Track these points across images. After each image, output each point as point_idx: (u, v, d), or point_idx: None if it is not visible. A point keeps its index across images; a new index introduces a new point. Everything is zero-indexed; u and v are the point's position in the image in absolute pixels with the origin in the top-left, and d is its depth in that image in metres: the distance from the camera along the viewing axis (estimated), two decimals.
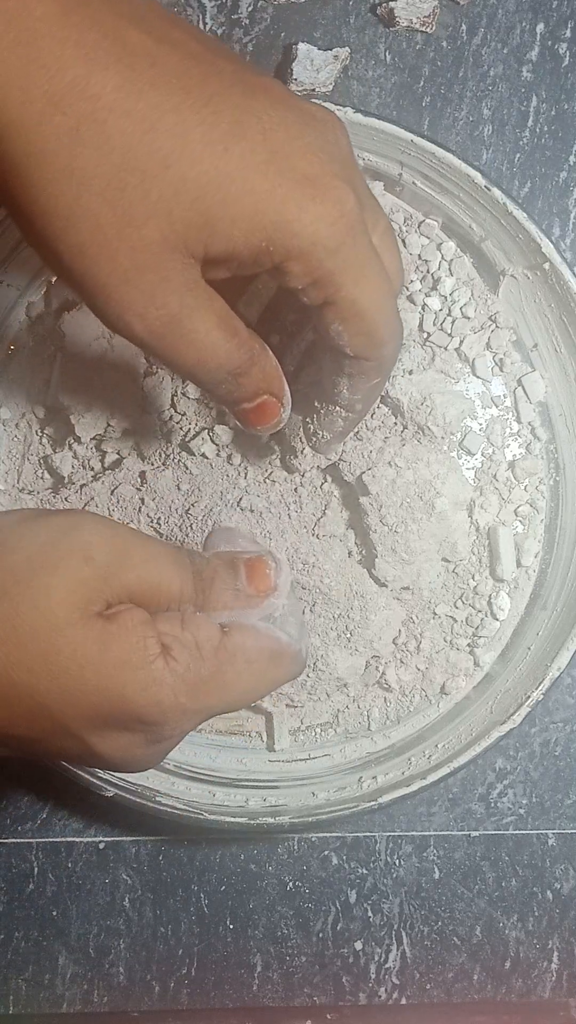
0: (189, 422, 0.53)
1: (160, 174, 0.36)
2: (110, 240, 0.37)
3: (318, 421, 0.48)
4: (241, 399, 0.43)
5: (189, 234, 0.37)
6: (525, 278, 0.53)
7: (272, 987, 0.58)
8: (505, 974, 0.58)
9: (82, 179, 0.36)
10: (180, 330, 0.39)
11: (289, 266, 0.39)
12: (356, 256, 0.39)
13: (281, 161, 0.38)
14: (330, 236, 0.38)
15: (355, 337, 0.42)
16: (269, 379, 0.43)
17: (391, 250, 0.43)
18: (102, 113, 0.36)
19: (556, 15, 0.57)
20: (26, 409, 0.55)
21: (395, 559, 0.51)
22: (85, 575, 0.38)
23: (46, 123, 0.36)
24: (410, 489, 0.51)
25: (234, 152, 0.37)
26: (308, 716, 0.55)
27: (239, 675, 0.40)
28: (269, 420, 0.44)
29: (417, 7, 0.56)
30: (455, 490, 0.52)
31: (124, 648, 0.38)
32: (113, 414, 0.53)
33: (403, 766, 0.53)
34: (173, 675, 0.38)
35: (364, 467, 0.51)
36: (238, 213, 0.37)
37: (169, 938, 0.58)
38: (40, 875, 0.58)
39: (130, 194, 0.37)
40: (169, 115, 0.36)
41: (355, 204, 0.39)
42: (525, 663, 0.54)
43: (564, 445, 0.55)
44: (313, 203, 0.38)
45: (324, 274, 0.39)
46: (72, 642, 0.37)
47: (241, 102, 0.38)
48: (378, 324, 0.41)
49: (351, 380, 0.44)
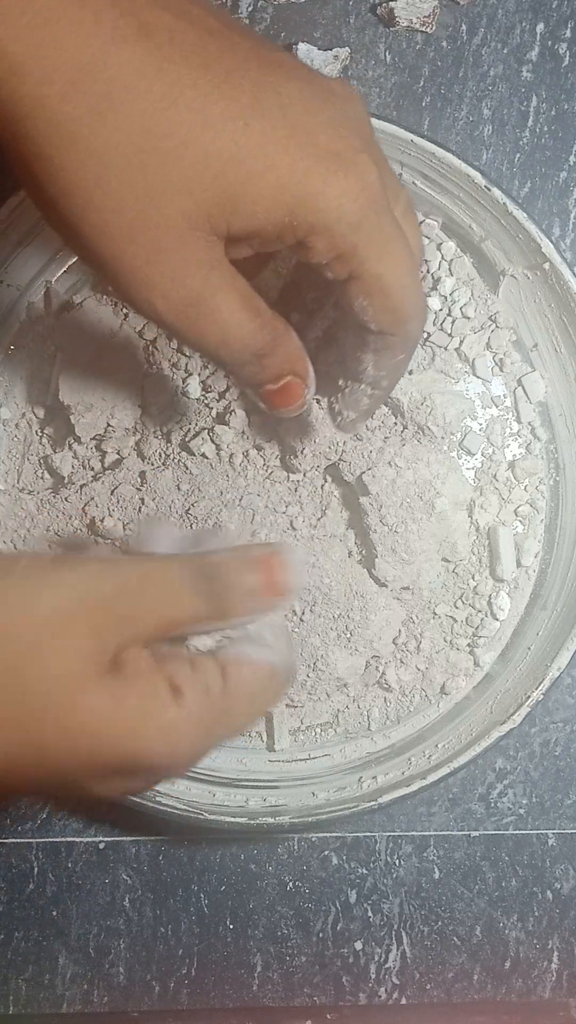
0: (189, 422, 0.53)
1: (181, 151, 0.36)
2: (132, 219, 0.37)
3: (343, 400, 0.47)
4: (265, 380, 0.43)
5: (212, 211, 0.37)
6: (525, 278, 0.53)
7: (272, 987, 0.58)
8: (505, 974, 0.58)
9: (103, 157, 0.36)
10: (203, 310, 0.39)
11: (312, 241, 0.39)
12: (380, 230, 0.39)
13: (302, 136, 0.37)
14: (353, 210, 0.38)
15: (380, 312, 0.41)
16: (293, 359, 0.43)
17: (412, 225, 0.43)
18: (121, 92, 0.36)
19: (556, 15, 0.57)
20: (26, 409, 0.55)
21: (395, 559, 0.51)
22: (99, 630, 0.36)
23: (66, 102, 0.35)
24: (410, 489, 0.51)
25: (254, 128, 0.37)
26: (308, 716, 0.55)
27: (244, 710, 0.39)
28: (293, 401, 0.44)
29: (417, 7, 0.56)
30: (455, 490, 0.52)
31: (137, 697, 0.36)
32: (113, 414, 0.53)
33: (403, 766, 0.53)
34: (188, 722, 0.37)
35: (364, 467, 0.51)
36: (260, 189, 0.37)
37: (169, 938, 0.58)
38: (40, 875, 0.58)
39: (151, 172, 0.36)
40: (188, 91, 0.36)
41: (377, 178, 0.39)
42: (525, 663, 0.54)
43: (564, 445, 0.55)
44: (336, 177, 0.38)
45: (348, 248, 0.39)
46: (86, 703, 0.35)
47: (260, 77, 0.37)
48: (403, 298, 0.41)
49: (376, 356, 0.44)
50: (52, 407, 0.54)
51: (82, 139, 0.36)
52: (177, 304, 0.39)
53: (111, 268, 0.38)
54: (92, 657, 0.36)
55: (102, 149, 0.36)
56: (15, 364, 0.55)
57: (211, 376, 0.53)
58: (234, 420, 0.52)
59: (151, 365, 0.53)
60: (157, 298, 0.38)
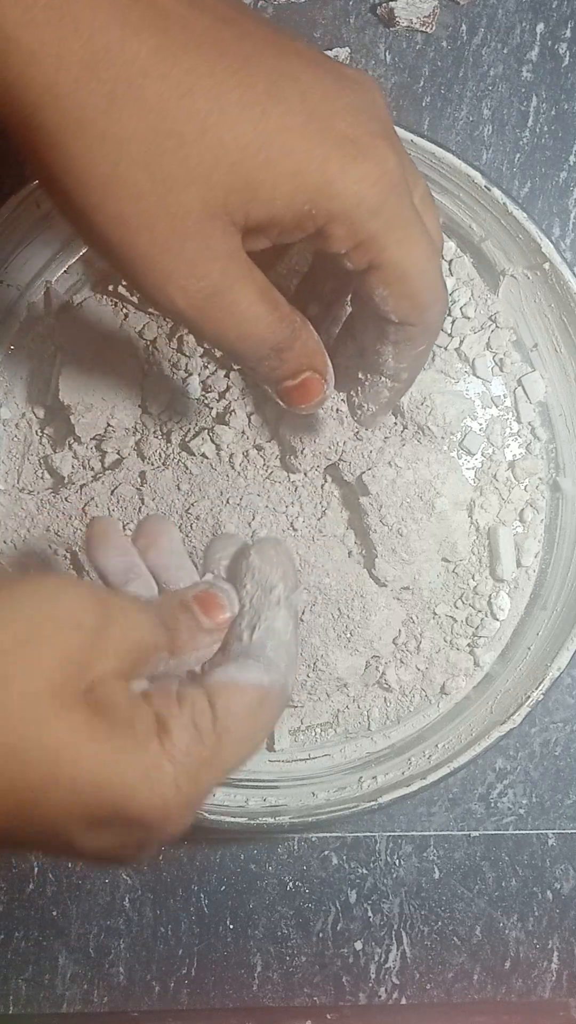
0: (189, 422, 0.53)
1: (198, 138, 0.36)
2: (149, 208, 0.36)
3: (362, 393, 0.47)
4: (284, 376, 0.42)
5: (230, 199, 0.37)
6: (525, 278, 0.53)
7: (272, 987, 0.58)
8: (505, 974, 0.58)
9: (119, 145, 0.36)
10: (222, 303, 0.38)
11: (332, 229, 0.38)
12: (399, 217, 0.39)
13: (320, 122, 0.37)
14: (373, 196, 0.38)
15: (400, 301, 0.41)
16: (311, 354, 0.42)
17: (431, 212, 0.42)
18: (138, 78, 0.35)
19: (556, 15, 0.57)
20: (26, 409, 0.55)
21: (395, 559, 0.51)
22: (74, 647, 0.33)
23: (81, 89, 0.35)
24: (410, 489, 0.51)
25: (272, 114, 0.36)
26: (308, 716, 0.55)
27: (236, 748, 0.36)
28: (313, 397, 0.43)
29: (417, 7, 0.56)
30: (455, 490, 0.52)
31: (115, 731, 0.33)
32: (113, 414, 0.53)
33: (403, 766, 0.53)
34: (172, 762, 0.34)
35: (364, 467, 0.51)
36: (279, 176, 0.37)
37: (169, 938, 0.58)
38: (40, 875, 0.58)
39: (168, 159, 0.36)
40: (205, 79, 0.36)
41: (396, 164, 0.38)
42: (525, 663, 0.54)
43: (564, 445, 0.55)
44: (355, 163, 0.37)
45: (368, 236, 0.38)
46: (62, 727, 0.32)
47: (276, 64, 0.37)
48: (423, 287, 0.40)
49: (396, 348, 0.43)
50: (52, 407, 0.54)
51: (98, 126, 0.35)
52: (195, 296, 0.38)
53: (127, 259, 0.38)
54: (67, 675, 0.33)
55: (119, 136, 0.35)
56: (15, 364, 0.55)
57: (211, 376, 0.53)
58: (234, 420, 0.52)
59: (151, 365, 0.53)
60: (175, 289, 0.38)
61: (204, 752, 0.35)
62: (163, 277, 0.38)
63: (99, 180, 0.36)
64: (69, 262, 0.55)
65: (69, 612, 0.34)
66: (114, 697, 0.34)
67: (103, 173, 0.36)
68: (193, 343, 0.53)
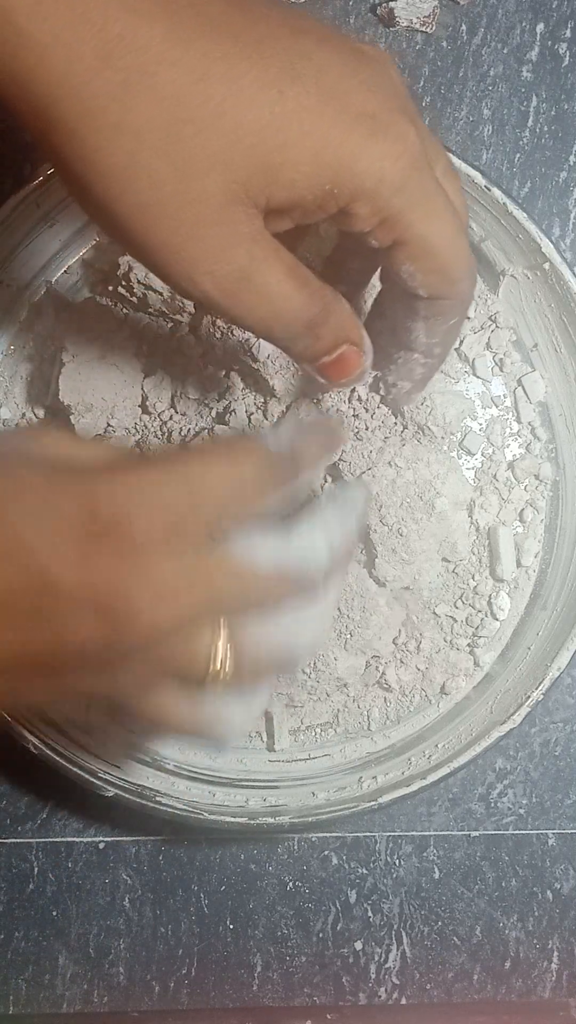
0: (189, 422, 0.53)
1: (215, 123, 0.36)
2: (171, 196, 0.36)
3: (396, 371, 0.46)
4: (320, 352, 0.42)
5: (251, 183, 0.36)
6: (525, 278, 0.53)
7: (272, 987, 0.58)
8: (505, 974, 0.58)
9: (137, 134, 0.35)
10: (251, 284, 0.38)
11: (355, 207, 0.38)
12: (423, 192, 0.38)
13: (338, 100, 0.37)
14: (395, 172, 0.37)
15: (428, 276, 0.40)
16: (347, 327, 0.42)
17: (455, 185, 0.42)
18: (151, 65, 0.35)
19: (556, 15, 0.57)
20: (26, 409, 0.55)
21: (395, 559, 0.51)
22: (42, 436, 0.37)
23: (95, 79, 0.35)
24: (410, 489, 0.51)
25: (289, 95, 0.36)
26: (308, 716, 0.55)
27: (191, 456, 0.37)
28: (352, 371, 0.43)
29: (417, 7, 0.56)
30: (455, 490, 0.52)
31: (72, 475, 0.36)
32: (113, 414, 0.53)
33: (403, 766, 0.53)
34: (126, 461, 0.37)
35: (364, 467, 0.51)
36: (298, 156, 0.36)
37: (169, 938, 0.58)
38: (40, 875, 0.58)
39: (187, 145, 0.36)
40: (219, 62, 0.36)
41: (417, 138, 0.38)
42: (525, 663, 0.54)
43: (564, 445, 0.55)
44: (375, 140, 0.37)
45: (392, 213, 0.38)
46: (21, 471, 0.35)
47: (291, 44, 0.37)
48: (451, 260, 0.40)
49: (427, 323, 0.43)
50: (52, 407, 0.54)
51: (113, 115, 0.35)
52: (223, 280, 0.38)
53: (151, 248, 0.37)
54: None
55: (136, 124, 0.35)
56: (15, 364, 0.55)
57: (210, 376, 0.53)
58: (234, 420, 0.52)
59: (151, 365, 0.53)
60: (203, 276, 0.38)
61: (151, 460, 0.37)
62: (189, 265, 0.37)
63: (118, 170, 0.36)
64: (69, 262, 0.55)
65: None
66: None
67: (121, 163, 0.36)
68: (193, 343, 0.53)
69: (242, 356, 0.51)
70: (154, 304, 0.52)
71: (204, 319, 0.52)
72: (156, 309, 0.52)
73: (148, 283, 0.51)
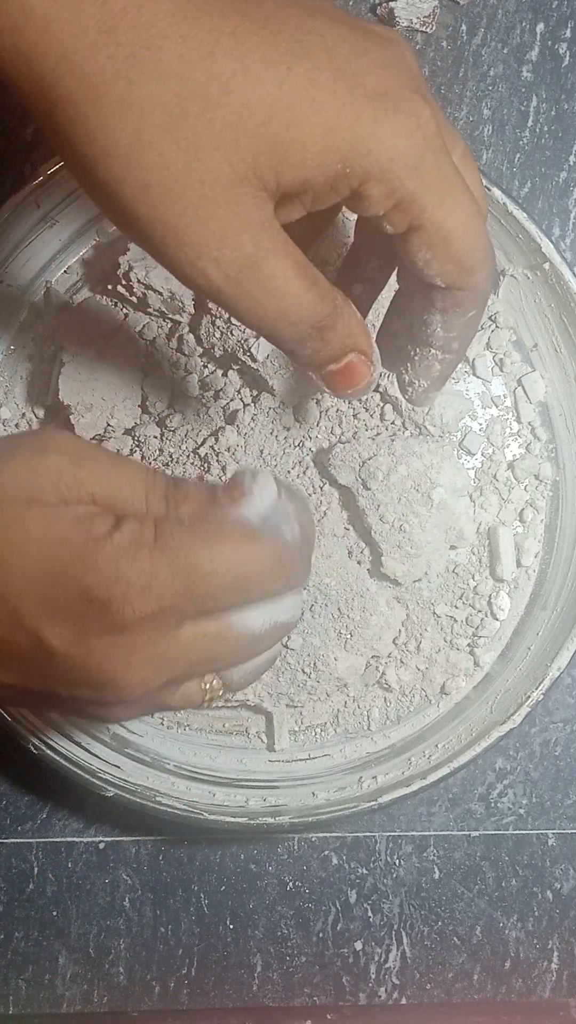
0: (189, 422, 0.53)
1: (222, 100, 0.35)
2: (177, 176, 0.35)
3: (413, 369, 0.44)
4: (327, 359, 0.40)
5: (259, 162, 0.35)
6: (525, 278, 0.53)
7: (272, 987, 0.58)
8: (505, 974, 0.58)
9: (142, 111, 0.34)
10: (257, 275, 0.37)
11: (368, 189, 0.36)
12: (438, 173, 0.37)
13: (350, 78, 0.36)
14: (408, 150, 0.36)
15: (445, 264, 0.38)
16: (355, 334, 0.40)
17: (472, 171, 0.40)
18: (157, 40, 0.34)
19: (556, 15, 0.57)
20: (26, 409, 0.55)
21: (401, 555, 0.51)
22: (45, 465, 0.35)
23: (100, 54, 0.34)
24: (405, 483, 0.51)
25: (298, 71, 0.35)
26: (308, 716, 0.55)
27: (193, 546, 0.35)
28: (359, 381, 0.41)
29: (417, 7, 0.56)
30: (452, 478, 0.51)
31: (68, 526, 0.34)
32: (113, 414, 0.53)
33: (403, 766, 0.53)
34: (114, 545, 0.34)
35: (356, 467, 0.51)
36: (308, 135, 0.35)
37: (169, 938, 0.58)
38: (40, 875, 0.58)
39: (193, 123, 0.35)
40: (226, 38, 0.35)
41: (431, 117, 0.36)
42: (525, 663, 0.54)
43: (564, 445, 0.55)
44: (388, 117, 0.36)
45: (406, 195, 0.37)
46: (15, 519, 0.34)
47: (300, 22, 0.36)
48: (468, 248, 0.38)
49: (444, 316, 0.41)
50: (52, 407, 0.54)
51: (119, 91, 0.34)
52: (229, 268, 0.36)
53: (157, 231, 0.36)
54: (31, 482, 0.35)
55: (140, 100, 0.34)
56: (15, 364, 0.55)
57: (210, 376, 0.53)
58: (240, 423, 0.52)
59: (151, 365, 0.53)
60: (207, 261, 0.36)
61: (150, 538, 0.35)
62: (194, 249, 0.36)
63: (123, 149, 0.35)
64: (69, 262, 0.55)
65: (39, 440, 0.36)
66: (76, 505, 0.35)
67: (126, 142, 0.35)
68: (192, 343, 0.53)
69: (241, 356, 0.51)
70: (154, 304, 0.52)
71: (204, 319, 0.52)
72: (156, 309, 0.52)
73: (148, 283, 0.51)
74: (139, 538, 0.35)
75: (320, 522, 0.52)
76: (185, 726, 0.55)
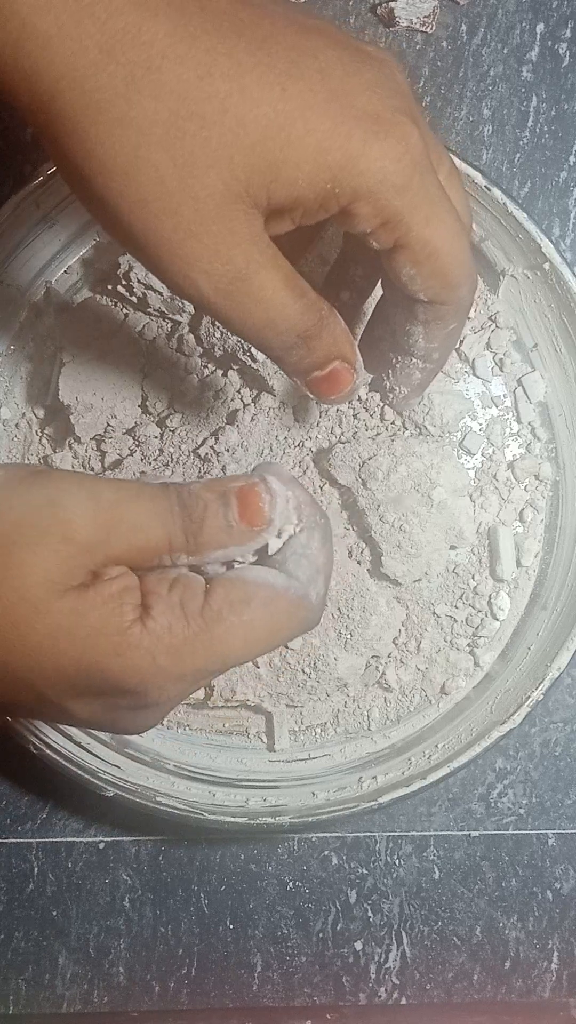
0: (189, 422, 0.53)
1: (218, 119, 0.36)
2: (172, 192, 0.36)
3: (394, 376, 0.46)
4: (312, 367, 0.42)
5: (252, 180, 0.36)
6: (525, 278, 0.53)
7: (272, 987, 0.58)
8: (505, 974, 0.58)
9: (140, 128, 0.35)
10: (247, 287, 0.38)
11: (356, 208, 0.38)
12: (425, 193, 0.38)
13: (342, 99, 0.37)
14: (397, 172, 0.37)
15: (428, 280, 0.40)
16: (340, 343, 0.42)
17: (458, 189, 0.42)
18: (156, 59, 0.35)
19: (556, 15, 0.57)
20: (26, 409, 0.55)
21: (401, 554, 0.51)
22: (64, 554, 0.35)
23: (99, 73, 0.35)
24: (405, 483, 0.51)
25: (292, 92, 0.36)
26: (308, 716, 0.55)
27: (229, 632, 0.37)
28: (342, 387, 0.43)
29: (417, 7, 0.56)
30: (452, 478, 0.51)
31: (99, 616, 0.35)
32: (113, 414, 0.53)
33: (403, 766, 0.53)
34: (151, 637, 0.36)
35: (357, 467, 0.51)
36: (300, 155, 0.36)
37: (169, 938, 0.58)
38: (40, 875, 0.58)
39: (190, 141, 0.36)
40: (223, 59, 0.36)
41: (419, 139, 0.38)
42: (525, 663, 0.54)
43: (564, 445, 0.55)
44: (378, 139, 0.37)
45: (393, 214, 0.38)
46: (47, 617, 0.35)
47: (296, 42, 0.37)
48: (451, 265, 0.40)
49: (426, 328, 0.43)
50: (52, 407, 0.54)
51: (117, 109, 0.35)
52: (220, 281, 0.38)
53: (151, 245, 0.37)
54: (60, 573, 0.35)
55: (139, 118, 0.35)
56: (15, 364, 0.55)
57: (210, 376, 0.53)
58: (242, 423, 0.52)
59: (151, 365, 0.53)
60: (199, 274, 0.37)
61: (187, 632, 0.36)
62: (187, 262, 0.37)
63: (120, 165, 0.36)
64: (69, 262, 0.55)
65: (61, 524, 0.35)
66: (110, 581, 0.36)
67: (125, 156, 0.36)
68: (193, 343, 0.53)
69: (241, 356, 0.51)
70: (154, 304, 0.52)
71: (204, 319, 0.52)
72: (156, 309, 0.52)
73: (148, 283, 0.51)
74: (172, 626, 0.36)
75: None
76: (185, 726, 0.55)
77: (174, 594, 0.37)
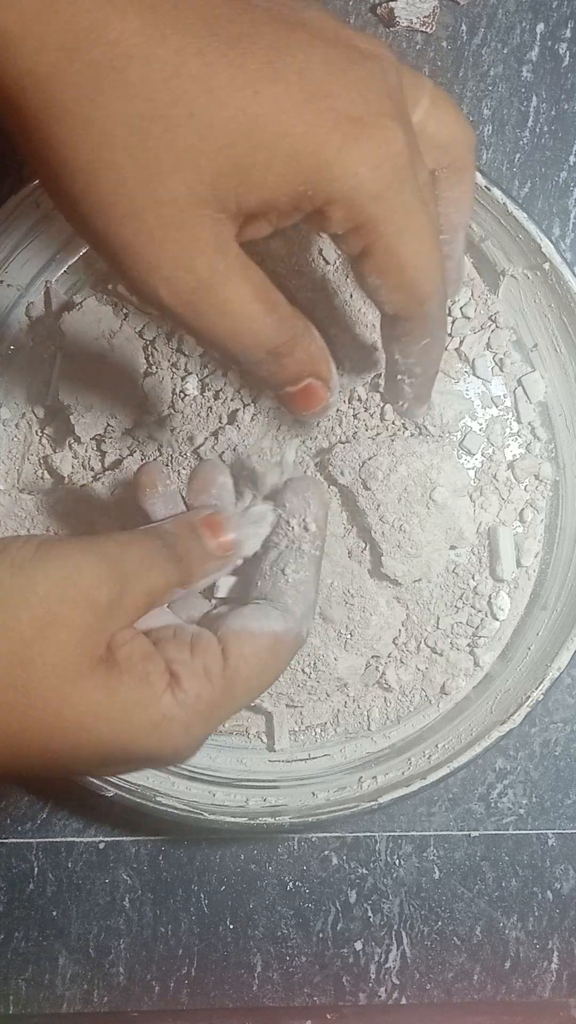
0: (189, 422, 0.53)
1: (185, 122, 0.34)
2: (134, 195, 0.35)
3: (386, 392, 0.45)
4: (284, 382, 0.40)
5: (218, 184, 0.35)
6: (525, 278, 0.53)
7: (272, 987, 0.58)
8: (505, 974, 0.58)
9: (103, 130, 0.34)
10: (211, 298, 0.36)
11: (330, 211, 0.36)
12: (400, 203, 0.36)
13: (320, 101, 0.35)
14: (373, 180, 0.35)
15: (393, 292, 0.38)
16: (314, 361, 0.40)
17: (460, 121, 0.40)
18: (121, 60, 0.34)
19: (556, 15, 0.57)
20: (26, 409, 0.55)
21: (401, 554, 0.51)
22: (92, 620, 0.36)
23: (63, 72, 0.34)
24: (405, 483, 0.51)
25: (265, 95, 0.34)
26: (308, 716, 0.55)
27: (246, 687, 0.39)
28: (315, 405, 0.41)
29: (417, 7, 0.56)
30: (452, 478, 0.51)
31: (129, 690, 0.36)
32: (113, 414, 0.53)
33: (403, 766, 0.53)
34: (183, 709, 0.37)
35: (357, 467, 0.51)
36: (272, 158, 0.35)
37: (169, 938, 0.58)
38: (40, 875, 0.58)
39: (154, 144, 0.34)
40: (193, 59, 0.34)
41: (404, 145, 0.35)
42: (525, 663, 0.54)
43: (564, 445, 0.55)
44: (356, 144, 0.35)
45: (365, 220, 0.36)
46: (81, 697, 0.35)
47: (275, 41, 0.35)
48: (417, 279, 0.38)
49: (399, 343, 0.41)
50: (52, 407, 0.54)
51: (81, 110, 0.34)
52: (182, 290, 0.36)
53: (112, 248, 0.36)
54: (85, 649, 0.35)
55: (102, 119, 0.34)
56: (15, 364, 0.55)
57: (210, 376, 0.53)
58: (243, 423, 0.52)
59: (151, 365, 0.53)
60: (159, 281, 0.36)
61: (215, 695, 0.38)
62: (148, 270, 0.36)
63: (83, 166, 0.35)
64: (69, 262, 0.55)
65: (85, 591, 0.36)
66: (131, 651, 0.37)
67: (86, 159, 0.34)
68: (193, 343, 0.53)
69: None
70: None
71: None
72: None
73: None
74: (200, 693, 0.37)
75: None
76: None
77: (197, 661, 0.38)
